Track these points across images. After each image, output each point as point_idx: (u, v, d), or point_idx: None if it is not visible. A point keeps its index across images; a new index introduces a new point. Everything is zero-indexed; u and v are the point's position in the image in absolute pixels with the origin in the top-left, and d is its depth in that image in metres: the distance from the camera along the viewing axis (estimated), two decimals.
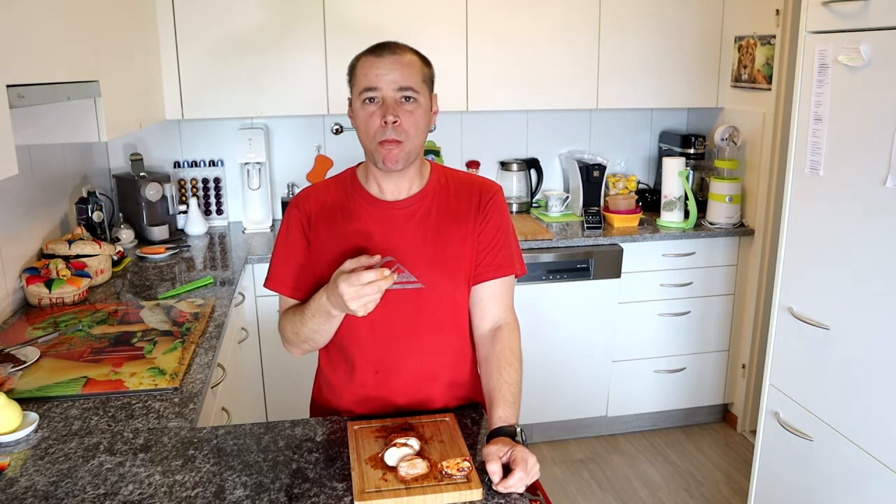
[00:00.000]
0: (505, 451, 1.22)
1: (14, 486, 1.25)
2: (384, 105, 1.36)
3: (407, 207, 1.46)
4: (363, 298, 1.25)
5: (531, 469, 1.20)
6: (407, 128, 1.36)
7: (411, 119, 1.37)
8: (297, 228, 1.47)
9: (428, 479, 1.20)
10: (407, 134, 1.37)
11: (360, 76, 1.38)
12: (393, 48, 1.38)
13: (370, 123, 1.37)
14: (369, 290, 1.24)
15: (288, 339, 1.48)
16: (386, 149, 1.36)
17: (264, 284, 1.52)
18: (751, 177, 3.17)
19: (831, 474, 1.98)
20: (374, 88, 1.35)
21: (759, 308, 3.17)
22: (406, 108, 1.36)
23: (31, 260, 2.31)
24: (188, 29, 2.81)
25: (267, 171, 3.18)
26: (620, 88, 3.20)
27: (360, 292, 1.24)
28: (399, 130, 1.36)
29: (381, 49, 1.37)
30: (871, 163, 1.79)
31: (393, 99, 1.36)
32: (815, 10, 1.95)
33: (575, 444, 3.28)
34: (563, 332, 3.09)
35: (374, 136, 1.37)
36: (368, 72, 1.36)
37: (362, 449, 1.30)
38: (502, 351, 1.44)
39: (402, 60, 1.36)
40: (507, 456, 1.22)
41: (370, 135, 1.38)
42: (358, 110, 1.39)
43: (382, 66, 1.35)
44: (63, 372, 1.68)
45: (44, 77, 1.64)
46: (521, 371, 1.43)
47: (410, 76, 1.36)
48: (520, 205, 3.46)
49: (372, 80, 1.35)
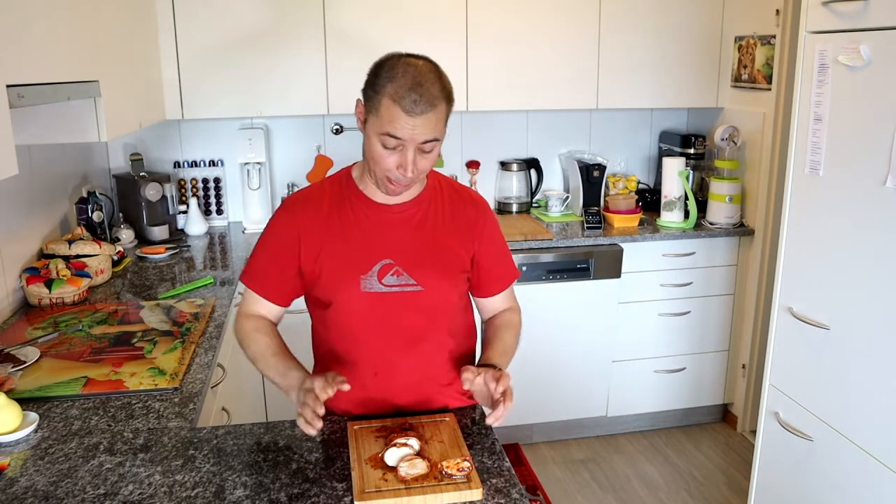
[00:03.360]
0: (488, 370, 1.32)
1: (14, 486, 1.25)
2: (403, 153, 1.30)
3: (405, 211, 1.46)
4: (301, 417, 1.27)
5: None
6: (421, 169, 1.34)
7: (427, 161, 1.34)
8: (286, 232, 1.45)
9: (428, 479, 1.20)
10: (420, 174, 1.35)
11: (384, 118, 1.27)
12: (428, 100, 1.26)
13: (384, 162, 1.32)
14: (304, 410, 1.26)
15: (243, 348, 1.50)
16: (394, 187, 1.36)
17: (241, 278, 1.52)
18: (751, 177, 3.17)
19: (831, 474, 1.98)
20: (399, 139, 1.28)
21: (759, 308, 3.17)
22: (425, 150, 1.32)
23: (31, 260, 2.31)
24: (188, 29, 2.81)
25: (267, 171, 3.18)
26: (620, 88, 3.20)
27: (303, 409, 1.27)
28: (412, 176, 1.33)
29: (414, 103, 1.25)
30: (871, 163, 1.79)
31: (414, 149, 1.30)
32: (815, 10, 1.95)
33: (575, 444, 3.28)
34: (563, 332, 3.09)
35: (386, 172, 1.34)
36: (395, 121, 1.26)
37: (362, 449, 1.30)
38: (502, 322, 1.57)
39: (431, 117, 1.27)
40: (492, 378, 1.30)
41: (381, 169, 1.33)
42: (374, 143, 1.31)
43: (412, 123, 1.26)
44: (63, 372, 1.68)
45: (44, 77, 1.64)
46: (516, 338, 1.56)
47: (437, 128, 1.30)
48: (520, 205, 3.46)
49: (398, 129, 1.27)
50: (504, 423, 1.30)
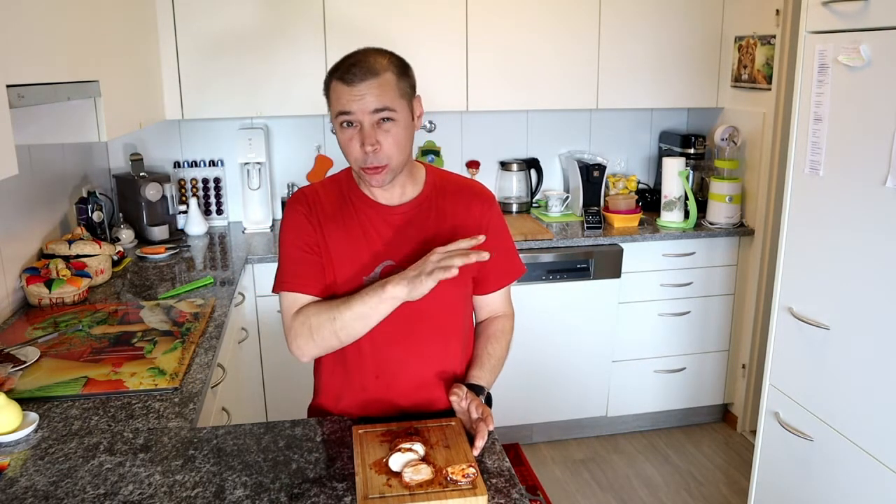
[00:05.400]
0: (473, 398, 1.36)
1: (14, 486, 1.25)
2: (362, 131, 1.32)
3: (406, 212, 1.45)
4: (444, 260, 1.25)
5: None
6: (387, 149, 1.34)
7: (390, 139, 1.34)
8: (306, 223, 1.44)
9: (433, 485, 1.18)
10: (389, 156, 1.35)
11: (333, 99, 1.34)
12: (364, 68, 1.30)
13: (350, 148, 1.35)
14: (455, 260, 1.24)
15: (314, 328, 1.36)
16: (369, 174, 1.36)
17: (283, 289, 1.42)
18: (751, 177, 3.17)
19: (831, 474, 1.98)
20: (349, 112, 1.31)
21: (759, 308, 3.17)
22: (384, 128, 1.33)
23: (31, 260, 2.31)
24: (188, 29, 2.81)
25: (267, 171, 3.18)
26: (620, 88, 3.20)
27: (446, 261, 1.25)
28: (380, 155, 1.33)
29: (352, 73, 1.30)
30: (871, 163, 1.79)
31: (370, 123, 1.32)
32: (815, 10, 1.95)
33: (575, 444, 3.28)
34: (563, 332, 3.09)
35: (356, 161, 1.36)
36: (341, 97, 1.31)
37: (367, 454, 1.28)
38: (494, 331, 1.57)
39: (375, 83, 1.30)
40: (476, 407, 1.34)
41: (352, 158, 1.36)
42: (338, 131, 1.36)
43: (354, 93, 1.30)
44: (63, 372, 1.68)
45: (44, 77, 1.64)
46: (506, 349, 1.57)
47: (385, 96, 1.31)
48: (520, 205, 3.46)
49: (345, 104, 1.31)
50: (504, 423, 1.30)
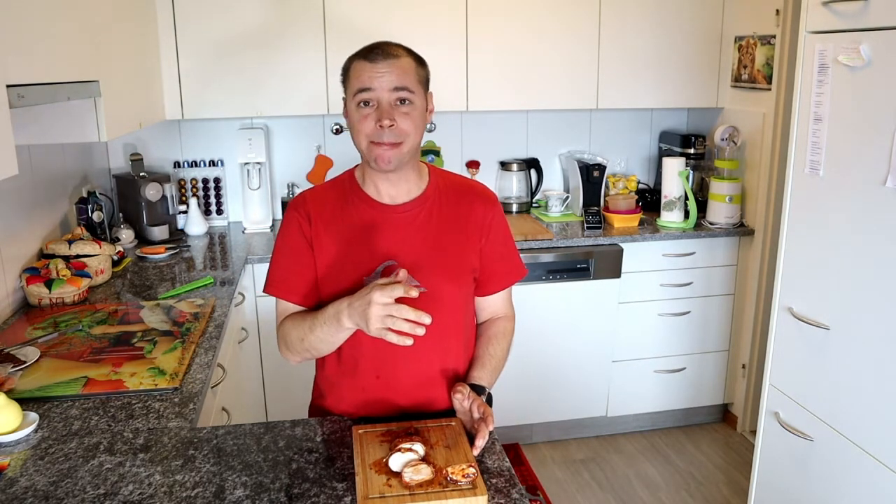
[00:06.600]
0: (476, 398, 1.34)
1: (14, 486, 1.25)
2: (379, 108, 1.35)
3: (408, 211, 1.45)
4: (387, 319, 1.23)
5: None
6: (404, 128, 1.36)
7: (408, 120, 1.36)
8: (298, 232, 1.46)
9: (433, 485, 1.18)
10: (405, 133, 1.36)
11: (353, 78, 1.37)
12: (387, 50, 1.36)
13: (365, 125, 1.36)
14: (396, 310, 1.22)
15: (289, 344, 1.46)
16: (380, 149, 1.36)
17: (265, 290, 1.50)
18: (751, 177, 3.17)
19: (831, 474, 1.98)
20: (369, 89, 1.34)
21: (759, 308, 3.17)
22: (402, 110, 1.36)
23: (31, 260, 2.31)
24: (188, 29, 2.81)
25: (267, 171, 3.18)
26: (620, 88, 3.20)
27: (387, 310, 1.23)
28: (396, 132, 1.35)
29: (375, 53, 1.35)
30: (871, 163, 1.79)
31: (388, 101, 1.35)
32: (815, 10, 1.95)
33: (575, 444, 3.28)
34: (563, 332, 3.09)
35: (368, 135, 1.37)
36: (362, 74, 1.35)
37: (367, 454, 1.28)
38: (495, 332, 1.57)
39: (396, 63, 1.35)
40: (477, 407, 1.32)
41: (364, 135, 1.37)
42: (353, 112, 1.38)
43: (376, 69, 1.34)
44: (63, 372, 1.68)
45: (44, 77, 1.64)
46: (507, 350, 1.57)
47: (406, 77, 1.35)
48: (520, 205, 3.46)
49: (366, 80, 1.34)
50: (504, 423, 1.30)
